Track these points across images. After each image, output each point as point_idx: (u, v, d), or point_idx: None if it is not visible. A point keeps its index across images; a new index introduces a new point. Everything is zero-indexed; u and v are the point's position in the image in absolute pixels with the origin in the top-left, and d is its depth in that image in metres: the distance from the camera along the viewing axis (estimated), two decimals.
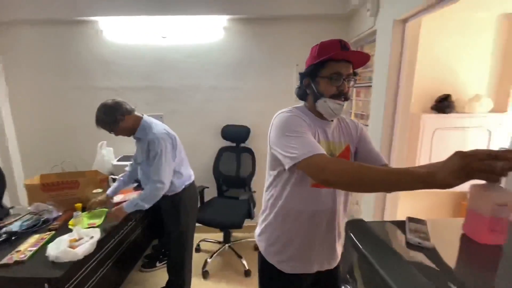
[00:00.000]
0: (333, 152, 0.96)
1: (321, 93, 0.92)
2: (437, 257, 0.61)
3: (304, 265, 1.01)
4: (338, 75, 0.89)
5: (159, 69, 2.48)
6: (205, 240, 2.58)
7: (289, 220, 0.98)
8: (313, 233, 0.97)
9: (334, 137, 0.98)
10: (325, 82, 0.91)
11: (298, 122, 0.90)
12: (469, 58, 1.97)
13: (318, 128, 0.95)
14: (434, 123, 1.91)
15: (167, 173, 1.55)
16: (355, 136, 1.03)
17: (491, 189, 0.63)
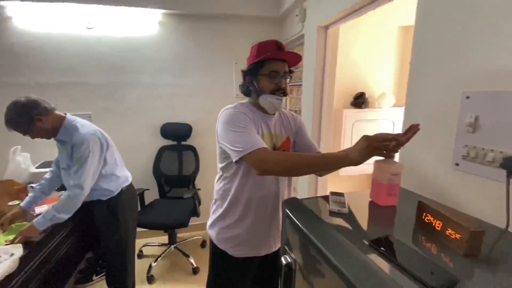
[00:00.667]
0: (275, 143, 1.07)
1: (262, 89, 1.02)
2: (352, 219, 0.76)
3: (254, 249, 1.10)
4: (276, 72, 1.00)
5: (85, 63, 2.24)
6: (148, 245, 2.46)
7: (239, 207, 1.06)
8: (261, 218, 1.08)
9: (276, 130, 1.09)
10: (265, 79, 1.01)
11: (242, 118, 0.98)
12: (377, 62, 2.36)
13: (261, 122, 1.05)
14: (353, 117, 2.24)
15: (90, 178, 1.39)
16: (294, 128, 1.15)
17: (387, 162, 0.82)
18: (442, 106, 0.91)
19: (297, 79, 2.44)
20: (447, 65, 0.89)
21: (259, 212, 1.07)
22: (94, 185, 1.46)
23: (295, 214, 0.76)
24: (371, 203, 0.86)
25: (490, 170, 0.76)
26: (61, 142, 1.42)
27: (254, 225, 1.07)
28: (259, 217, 1.07)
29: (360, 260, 0.57)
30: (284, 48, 1.03)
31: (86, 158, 1.36)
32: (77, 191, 1.36)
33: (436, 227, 0.64)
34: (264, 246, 1.12)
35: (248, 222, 1.07)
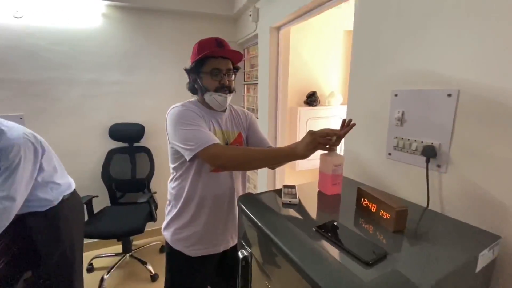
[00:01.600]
0: (227, 139, 1.09)
1: (206, 87, 1.03)
2: (302, 209, 0.82)
3: (211, 246, 1.11)
4: (218, 70, 1.01)
5: (14, 57, 1.97)
6: (99, 257, 2.27)
7: (193, 206, 1.06)
8: (216, 215, 1.08)
9: (227, 126, 1.10)
10: (207, 77, 1.02)
11: (191, 115, 0.98)
12: (326, 63, 2.52)
13: (211, 119, 1.06)
14: (307, 114, 2.37)
15: (21, 188, 1.23)
16: (245, 124, 1.18)
17: (331, 155, 0.89)
18: (377, 103, 1.02)
19: (254, 78, 2.48)
20: (379, 66, 1.00)
21: (214, 209, 1.07)
22: (29, 195, 1.29)
23: (249, 208, 0.78)
24: (319, 193, 0.93)
25: (414, 158, 0.88)
26: None
27: (209, 222, 1.07)
28: (214, 214, 1.08)
29: (308, 246, 0.62)
30: (225, 45, 1.03)
31: (17, 165, 1.19)
32: (6, 203, 1.19)
33: (372, 209, 0.72)
34: (221, 242, 1.13)
35: (203, 220, 1.07)
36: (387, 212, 0.67)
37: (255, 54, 2.44)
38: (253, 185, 2.70)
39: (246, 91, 2.71)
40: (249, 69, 2.61)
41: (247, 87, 2.68)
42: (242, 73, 2.70)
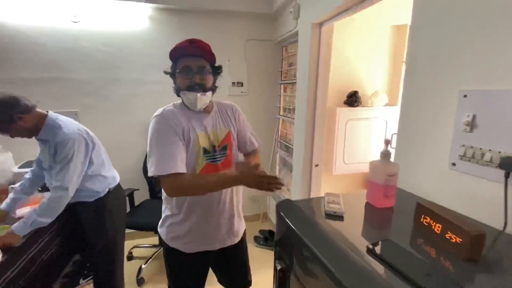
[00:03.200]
0: (213, 141, 1.06)
1: (179, 86, 1.03)
2: (349, 222, 0.74)
3: (205, 244, 1.12)
4: (188, 68, 1.00)
5: (70, 58, 2.15)
6: (138, 246, 2.39)
7: (185, 205, 1.07)
8: (208, 214, 1.08)
9: (214, 126, 1.08)
10: (179, 76, 1.02)
11: (162, 129, 0.98)
12: (370, 60, 2.35)
13: (194, 121, 1.04)
14: (347, 115, 2.23)
15: (74, 179, 1.32)
16: (233, 120, 1.16)
17: (384, 162, 0.79)
18: (438, 105, 0.89)
19: (292, 77, 2.41)
20: (444, 63, 0.87)
21: (204, 209, 1.07)
22: (80, 186, 1.39)
23: (289, 217, 0.73)
24: (367, 204, 0.84)
25: (487, 170, 0.74)
26: (43, 142, 1.34)
27: (201, 221, 1.08)
28: (205, 213, 1.08)
29: (357, 265, 0.54)
30: (196, 42, 1.02)
31: (70, 158, 1.29)
32: (60, 193, 1.29)
33: (435, 230, 0.62)
34: (216, 240, 1.13)
35: (194, 219, 1.07)
36: (458, 235, 0.56)
37: (293, 52, 2.36)
38: (286, 188, 2.63)
39: (283, 90, 2.64)
40: (286, 67, 2.54)
41: (284, 86, 2.62)
42: (279, 72, 2.64)
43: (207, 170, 1.04)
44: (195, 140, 1.01)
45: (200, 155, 1.02)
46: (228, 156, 1.10)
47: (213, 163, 1.06)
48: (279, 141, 2.74)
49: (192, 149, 1.01)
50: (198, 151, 1.02)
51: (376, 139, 2.34)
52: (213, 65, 1.07)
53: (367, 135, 2.32)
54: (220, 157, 1.07)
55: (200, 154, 1.03)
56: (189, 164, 1.01)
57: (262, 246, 2.43)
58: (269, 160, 2.80)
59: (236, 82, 2.54)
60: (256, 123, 2.68)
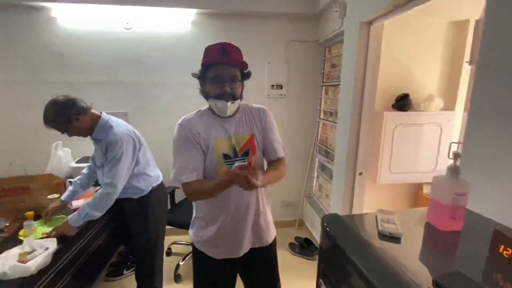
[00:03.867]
0: (235, 145, 1.05)
1: (208, 93, 1.02)
2: (407, 246, 0.65)
3: (230, 252, 1.11)
4: (219, 77, 0.98)
5: (122, 62, 2.31)
6: (176, 243, 2.48)
7: (207, 209, 1.09)
8: (232, 218, 1.07)
9: (236, 131, 1.06)
10: (209, 83, 1.00)
11: (182, 138, 1.02)
12: (423, 61, 2.14)
13: (215, 128, 1.04)
14: (395, 120, 2.05)
15: (122, 177, 1.41)
16: (259, 124, 1.11)
17: (451, 180, 0.68)
18: None
19: (334, 79, 2.30)
20: None
21: (226, 214, 1.06)
22: (126, 184, 1.47)
23: (337, 234, 0.66)
24: (428, 225, 0.73)
25: None
26: (96, 141, 1.45)
27: (224, 227, 1.07)
28: (227, 219, 1.07)
29: None
30: (231, 52, 0.99)
31: (119, 157, 1.37)
32: (110, 189, 1.39)
33: None
34: (241, 248, 1.10)
35: (217, 224, 1.07)
36: None
37: (337, 53, 2.25)
38: (325, 194, 2.52)
39: (324, 92, 2.53)
40: (329, 69, 2.43)
41: (326, 88, 2.51)
42: (321, 74, 2.54)
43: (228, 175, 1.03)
44: (213, 148, 1.02)
45: (221, 161, 1.03)
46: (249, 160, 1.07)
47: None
48: (318, 146, 2.63)
49: (210, 156, 1.02)
50: (217, 158, 1.02)
51: (428, 147, 2.11)
52: (242, 72, 1.05)
53: (417, 143, 2.11)
54: (241, 162, 1.05)
55: (221, 160, 1.03)
56: (210, 170, 1.04)
57: (298, 254, 2.35)
58: (307, 165, 2.71)
59: (275, 85, 2.50)
60: (294, 126, 2.62)
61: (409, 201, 2.49)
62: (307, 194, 2.79)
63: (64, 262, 1.43)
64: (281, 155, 1.14)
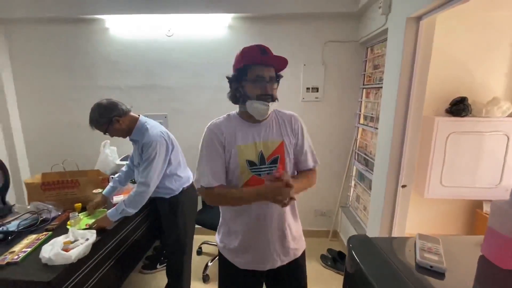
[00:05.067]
0: (263, 151, 1.02)
1: (248, 95, 0.99)
2: (451, 284, 0.53)
3: (255, 262, 1.06)
4: (261, 77, 0.97)
5: (164, 67, 2.45)
6: (207, 243, 2.53)
7: (229, 217, 1.08)
8: (255, 228, 1.04)
9: (266, 137, 1.03)
10: (250, 85, 0.98)
11: (205, 144, 1.03)
12: (486, 59, 1.86)
13: (243, 133, 1.02)
14: (449, 127, 1.81)
15: (155, 177, 1.48)
16: (291, 132, 1.08)
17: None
18: None
19: (376, 81, 2.12)
20: None
21: (247, 223, 1.04)
22: (159, 184, 1.54)
23: (364, 262, 0.57)
24: (483, 260, 0.60)
25: None
26: (134, 141, 1.54)
27: (247, 237, 1.05)
28: (249, 229, 1.04)
29: None
30: (269, 52, 0.98)
31: (153, 158, 1.44)
32: (143, 188, 1.46)
33: None
34: (267, 261, 1.06)
35: (240, 233, 1.05)
36: None
37: (380, 53, 2.07)
38: (362, 206, 2.33)
39: (365, 95, 2.35)
40: (371, 70, 2.24)
41: (367, 91, 2.32)
42: (361, 76, 2.37)
43: (252, 183, 1.00)
44: (236, 153, 1.00)
45: (245, 167, 1.00)
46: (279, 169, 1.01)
47: (258, 176, 1.01)
48: (357, 153, 2.45)
49: (233, 161, 1.01)
50: (241, 164, 1.00)
51: (490, 159, 1.82)
52: (276, 73, 1.04)
53: (476, 153, 1.83)
54: (267, 170, 1.02)
55: (245, 166, 1.00)
56: (232, 176, 1.03)
57: (330, 267, 2.21)
58: (343, 173, 2.54)
59: (311, 87, 2.40)
60: (330, 131, 2.48)
61: (464, 221, 2.17)
62: (343, 204, 2.62)
63: (104, 252, 1.54)
64: (312, 166, 1.11)
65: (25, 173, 2.63)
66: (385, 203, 1.70)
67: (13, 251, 1.26)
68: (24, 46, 2.44)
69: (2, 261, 1.18)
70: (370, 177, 2.07)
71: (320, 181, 2.56)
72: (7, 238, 1.38)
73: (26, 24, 2.39)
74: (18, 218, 1.54)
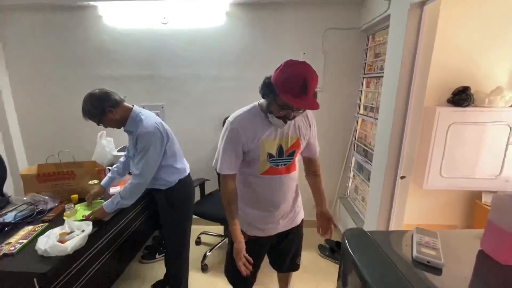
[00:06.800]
0: (282, 145, 1.16)
1: (270, 110, 1.07)
2: (448, 279, 0.52)
3: (262, 232, 1.26)
4: (288, 107, 1.02)
5: (160, 57, 2.38)
6: (205, 233, 2.54)
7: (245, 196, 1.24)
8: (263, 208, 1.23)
9: (286, 133, 1.16)
10: (276, 106, 1.04)
11: (229, 139, 1.12)
12: (491, 48, 1.81)
13: (265, 128, 1.12)
14: (450, 117, 1.78)
15: (150, 169, 1.46)
16: (307, 128, 1.22)
17: None
18: None
19: (377, 70, 2.07)
20: None
21: (260, 203, 1.22)
22: (155, 175, 1.52)
23: (359, 256, 0.56)
24: (481, 254, 0.58)
25: None
26: (128, 132, 1.51)
27: (257, 214, 1.23)
28: (261, 207, 1.23)
29: None
30: (309, 91, 0.96)
31: (148, 149, 1.41)
32: (138, 179, 1.44)
33: None
34: (273, 230, 1.27)
35: (249, 209, 1.24)
36: None
37: (381, 41, 2.01)
38: (361, 197, 2.32)
39: (365, 85, 2.30)
40: (372, 59, 2.19)
41: (367, 80, 2.27)
42: (362, 65, 2.31)
43: (269, 172, 1.16)
44: (259, 147, 1.12)
45: (265, 158, 1.14)
46: (293, 162, 1.20)
47: (276, 167, 1.17)
48: (356, 143, 2.43)
49: (256, 154, 1.13)
50: (263, 155, 1.13)
51: (491, 150, 1.80)
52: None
53: (477, 144, 1.81)
54: (284, 162, 1.17)
55: (265, 158, 1.14)
56: (254, 166, 1.16)
57: (327, 257, 2.23)
58: (342, 163, 2.52)
59: None
60: (330, 122, 2.44)
61: (463, 212, 2.17)
62: (341, 194, 2.61)
63: (102, 243, 1.55)
64: (317, 155, 1.32)
65: (23, 164, 2.62)
66: (384, 194, 1.69)
67: (10, 242, 1.26)
68: (17, 34, 2.37)
69: None
70: (369, 168, 2.05)
71: None
72: (4, 229, 1.38)
73: (18, 11, 2.31)
74: (15, 210, 1.54)
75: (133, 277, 2.05)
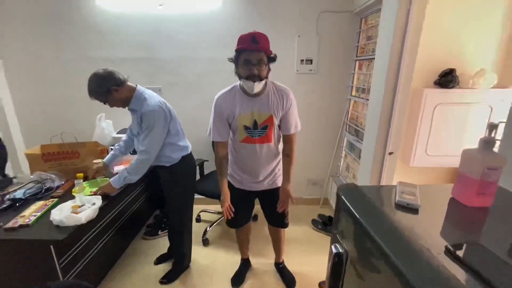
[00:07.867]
0: (256, 119, 1.37)
1: (240, 75, 1.28)
2: (424, 218, 0.63)
3: (247, 186, 1.55)
4: (248, 61, 1.23)
5: (157, 39, 2.40)
6: (205, 211, 2.66)
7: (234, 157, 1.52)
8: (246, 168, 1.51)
9: (260, 109, 1.35)
10: (241, 67, 1.25)
11: (215, 111, 1.39)
12: (477, 30, 1.90)
13: (242, 104, 1.35)
14: (436, 98, 1.89)
15: (155, 145, 1.53)
16: (281, 107, 1.38)
17: (483, 152, 0.64)
18: None
19: (370, 52, 2.15)
20: None
21: (243, 164, 1.50)
22: (159, 152, 1.59)
23: (352, 203, 0.66)
24: (452, 200, 0.70)
25: None
26: (132, 111, 1.57)
27: (242, 172, 1.52)
28: (244, 168, 1.51)
29: (431, 265, 0.46)
30: (259, 40, 1.21)
31: (152, 127, 1.48)
32: (144, 155, 1.51)
33: None
34: (257, 186, 1.54)
35: (239, 171, 1.53)
36: None
37: (373, 24, 2.08)
38: (352, 174, 2.46)
39: (358, 67, 2.39)
40: (364, 42, 2.27)
41: (359, 63, 2.36)
42: (355, 48, 2.39)
43: (246, 141, 1.41)
44: (236, 120, 1.36)
45: (241, 129, 1.38)
46: (267, 134, 1.40)
47: (251, 137, 1.40)
48: (348, 124, 2.54)
49: (234, 125, 1.39)
50: (239, 127, 1.38)
51: (474, 129, 1.93)
52: (269, 56, 1.26)
53: (461, 124, 1.93)
54: (258, 133, 1.39)
55: (242, 130, 1.38)
56: (236, 134, 1.43)
57: (320, 230, 2.38)
58: (334, 144, 2.64)
59: (305, 59, 2.42)
60: (324, 104, 2.54)
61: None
62: (333, 173, 2.75)
63: (108, 219, 1.64)
64: (292, 132, 1.44)
65: (20, 147, 2.63)
66: (373, 169, 1.82)
67: (24, 215, 1.33)
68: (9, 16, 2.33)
69: (15, 223, 1.25)
70: (360, 147, 2.17)
71: (312, 152, 2.69)
72: (15, 204, 1.44)
73: None
74: (23, 187, 1.60)
75: (137, 253, 2.15)
